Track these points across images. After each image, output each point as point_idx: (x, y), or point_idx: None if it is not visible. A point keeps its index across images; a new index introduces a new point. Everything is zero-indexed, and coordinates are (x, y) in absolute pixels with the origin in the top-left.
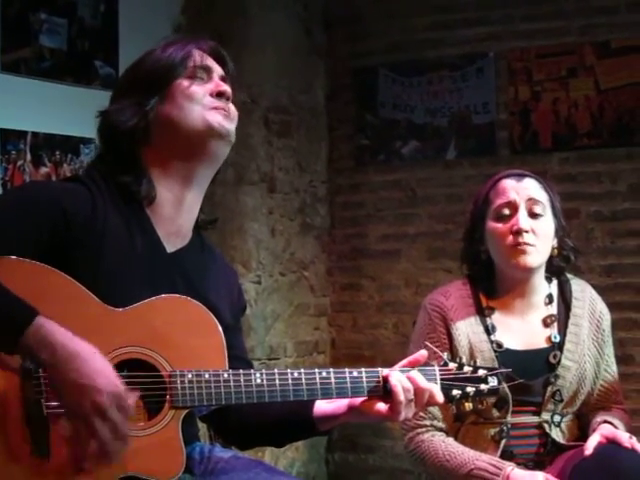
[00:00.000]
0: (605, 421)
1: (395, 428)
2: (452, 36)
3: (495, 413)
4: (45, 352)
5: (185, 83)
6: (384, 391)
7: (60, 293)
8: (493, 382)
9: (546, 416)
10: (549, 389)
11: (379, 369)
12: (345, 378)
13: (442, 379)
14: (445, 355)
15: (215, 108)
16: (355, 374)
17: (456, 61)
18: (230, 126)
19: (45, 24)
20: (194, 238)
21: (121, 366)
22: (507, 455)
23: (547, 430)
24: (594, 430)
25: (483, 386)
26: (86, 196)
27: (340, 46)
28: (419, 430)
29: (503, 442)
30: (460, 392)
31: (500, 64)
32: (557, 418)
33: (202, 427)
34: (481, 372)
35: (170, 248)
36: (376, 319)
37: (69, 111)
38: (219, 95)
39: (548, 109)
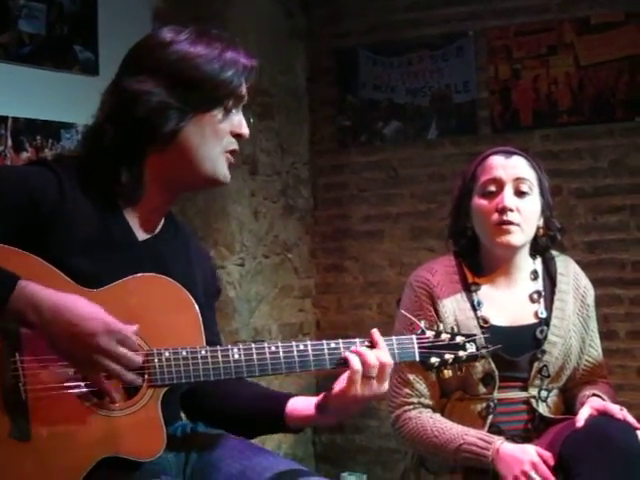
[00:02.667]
0: (594, 394)
1: (382, 408)
2: (431, 16)
3: (481, 389)
4: (33, 313)
5: (219, 117)
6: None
7: (33, 275)
8: (471, 348)
9: (533, 392)
10: (535, 365)
11: (357, 340)
12: (323, 350)
13: (420, 347)
14: (422, 323)
15: (229, 152)
16: (333, 345)
17: (436, 41)
18: (229, 175)
19: (24, 9)
20: (166, 223)
21: None
22: (494, 431)
23: (534, 406)
24: (583, 403)
25: (461, 353)
26: (53, 180)
27: (320, 27)
28: (406, 407)
29: (490, 418)
30: (439, 360)
31: (480, 43)
32: (544, 393)
33: None
34: (459, 339)
35: (141, 236)
36: (360, 300)
37: (49, 96)
38: (238, 136)
39: (528, 87)
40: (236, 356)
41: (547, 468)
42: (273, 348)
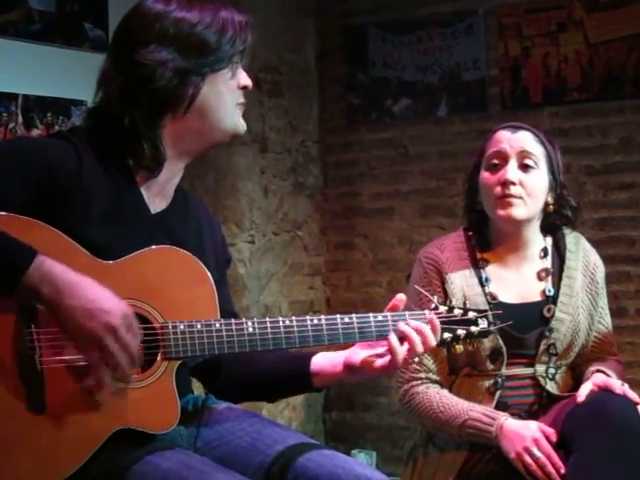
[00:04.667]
0: (598, 370)
1: (391, 386)
2: None
3: (489, 366)
4: (48, 287)
5: (229, 74)
6: (379, 337)
7: (50, 247)
8: (483, 324)
9: (540, 369)
10: (543, 342)
11: (370, 314)
12: (336, 324)
13: None
14: (435, 299)
15: (241, 104)
16: (347, 320)
17: (446, 18)
18: (245, 124)
19: None
20: (177, 196)
21: None
22: (502, 406)
23: (542, 383)
24: (587, 379)
25: (473, 328)
26: (71, 152)
27: (330, 5)
28: (414, 383)
29: (498, 393)
30: (451, 335)
31: (490, 20)
32: (552, 371)
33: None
34: (471, 314)
35: (154, 209)
36: (370, 277)
37: (60, 73)
38: (244, 88)
39: (538, 64)
40: (250, 330)
41: (550, 444)
42: (287, 322)
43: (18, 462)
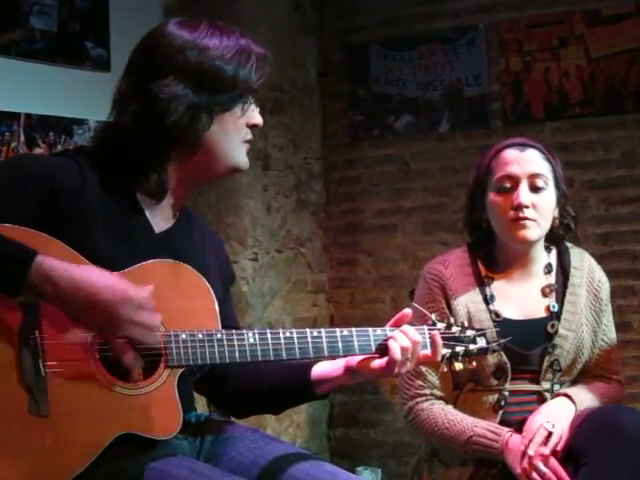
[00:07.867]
0: (565, 394)
1: (396, 402)
2: (442, 9)
3: (493, 381)
4: (50, 287)
5: (239, 113)
6: (378, 349)
7: (56, 257)
8: (482, 342)
9: (545, 385)
10: (547, 359)
11: (369, 329)
12: (336, 337)
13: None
14: (433, 316)
15: (247, 141)
16: (346, 333)
17: (447, 34)
18: (248, 161)
19: (35, 6)
20: (182, 216)
21: None
22: (506, 422)
23: (546, 399)
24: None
25: (472, 346)
26: (75, 171)
27: (331, 22)
28: (418, 399)
29: (502, 409)
30: (449, 351)
31: (491, 36)
32: (556, 387)
33: (202, 399)
34: (470, 332)
35: (158, 228)
36: (374, 294)
37: (62, 92)
38: (253, 126)
39: (539, 79)
40: (251, 340)
41: (556, 459)
42: (288, 334)
43: (24, 463)
